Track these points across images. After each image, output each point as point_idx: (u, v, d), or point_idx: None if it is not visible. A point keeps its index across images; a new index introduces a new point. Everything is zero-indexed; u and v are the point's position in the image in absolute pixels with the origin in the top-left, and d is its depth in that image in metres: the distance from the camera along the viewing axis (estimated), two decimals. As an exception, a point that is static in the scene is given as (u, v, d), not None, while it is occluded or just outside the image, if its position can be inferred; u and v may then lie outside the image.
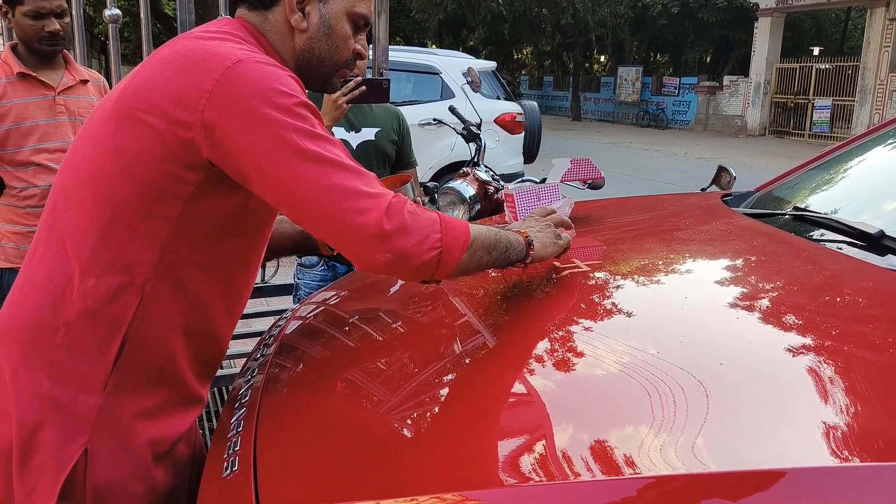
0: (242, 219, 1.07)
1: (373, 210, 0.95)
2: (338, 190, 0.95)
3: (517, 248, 1.19)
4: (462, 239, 1.05)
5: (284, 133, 0.94)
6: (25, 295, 1.03)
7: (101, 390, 0.99)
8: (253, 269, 1.17)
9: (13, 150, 2.22)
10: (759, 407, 0.88)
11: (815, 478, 0.75)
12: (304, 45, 1.10)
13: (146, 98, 0.97)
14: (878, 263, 1.34)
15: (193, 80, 0.95)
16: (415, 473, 0.84)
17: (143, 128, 0.97)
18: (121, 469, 1.00)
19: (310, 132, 0.96)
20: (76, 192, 1.02)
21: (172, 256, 1.00)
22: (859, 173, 1.95)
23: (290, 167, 0.94)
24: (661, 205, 2.17)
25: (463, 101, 6.11)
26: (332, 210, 0.95)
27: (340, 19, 1.11)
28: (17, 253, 2.25)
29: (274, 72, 0.97)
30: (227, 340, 1.17)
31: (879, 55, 17.40)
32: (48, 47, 2.26)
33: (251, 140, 0.94)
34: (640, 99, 25.19)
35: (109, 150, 0.99)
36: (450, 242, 1.02)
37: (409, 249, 0.98)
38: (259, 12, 1.09)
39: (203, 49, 0.98)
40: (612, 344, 1.09)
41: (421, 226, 1.00)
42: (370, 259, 0.97)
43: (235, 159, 0.96)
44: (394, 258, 0.97)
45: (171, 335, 1.04)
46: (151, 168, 0.97)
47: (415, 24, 26.73)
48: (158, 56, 1.02)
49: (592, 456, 0.81)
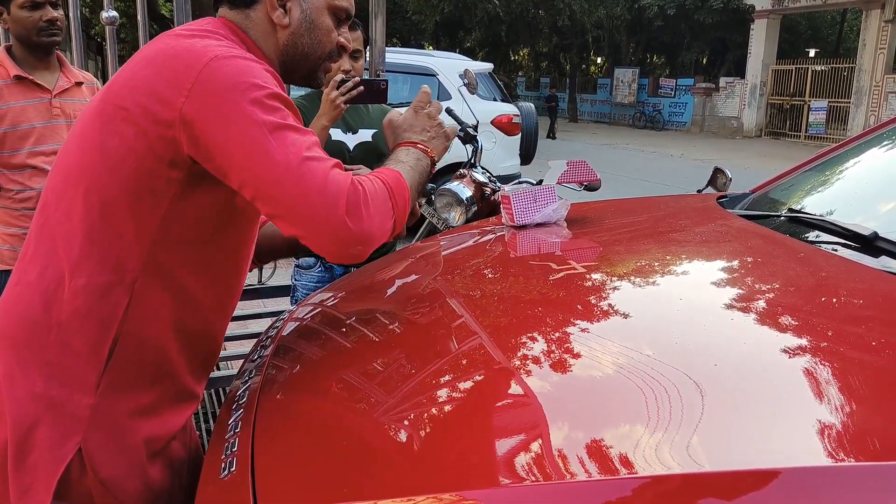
0: (229, 215, 1.08)
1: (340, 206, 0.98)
2: (308, 181, 0.96)
3: (427, 166, 1.23)
4: (405, 195, 1.12)
5: (254, 125, 0.95)
6: (18, 294, 1.04)
7: (94, 389, 0.99)
8: (243, 264, 1.18)
9: (9, 153, 2.22)
10: (753, 407, 0.89)
11: (810, 477, 0.76)
12: (287, 40, 1.11)
13: (129, 97, 0.99)
14: (872, 265, 1.35)
15: (173, 78, 0.96)
16: (412, 474, 0.85)
17: (127, 126, 0.98)
18: (116, 467, 1.00)
19: (278, 124, 0.97)
20: (65, 191, 1.03)
21: (161, 254, 1.01)
22: (854, 175, 1.96)
23: (261, 158, 0.95)
24: (656, 206, 2.18)
25: (459, 102, 6.12)
26: (305, 207, 0.97)
27: (322, 13, 1.13)
28: (13, 255, 2.25)
29: (248, 65, 0.99)
30: (221, 337, 1.17)
31: (875, 57, 17.46)
32: (47, 38, 2.25)
33: (225, 134, 0.95)
34: (637, 100, 25.24)
35: (96, 150, 1.00)
36: (400, 208, 1.10)
37: (375, 236, 1.04)
38: (240, 10, 1.10)
39: (182, 47, 0.99)
40: (607, 345, 1.10)
41: (379, 210, 1.05)
42: (342, 254, 1.01)
43: (213, 155, 0.97)
44: (364, 250, 1.02)
45: (163, 332, 1.04)
46: (136, 166, 0.98)
47: (411, 26, 26.72)
48: (141, 55, 1.03)
49: (588, 456, 0.81)
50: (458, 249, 1.76)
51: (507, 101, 7.25)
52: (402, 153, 1.20)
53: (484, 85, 6.84)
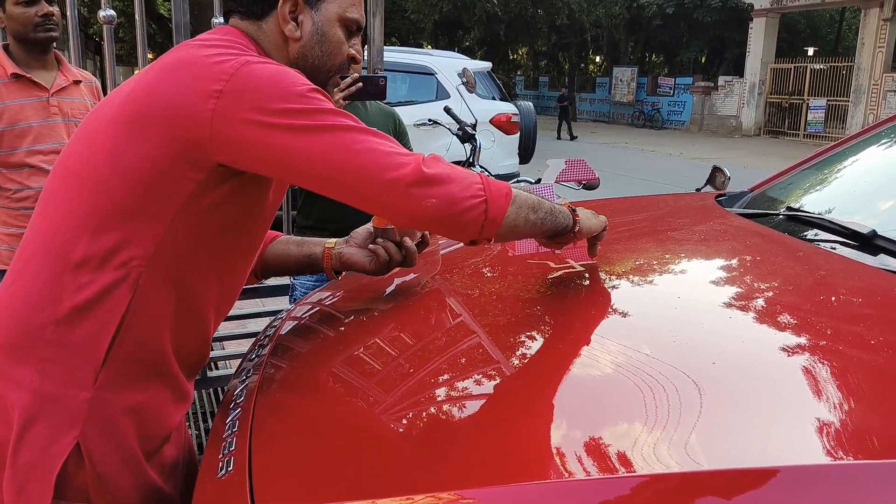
0: (237, 219, 1.08)
1: (410, 162, 0.97)
2: (371, 151, 0.97)
3: (563, 212, 1.20)
4: (504, 190, 1.06)
5: (303, 116, 0.96)
6: (14, 293, 1.04)
7: (91, 385, 0.99)
8: (244, 269, 1.18)
9: (7, 151, 2.22)
10: (751, 405, 0.89)
11: (808, 476, 0.76)
12: (299, 53, 1.12)
13: (150, 103, 0.99)
14: (871, 263, 1.35)
15: (202, 83, 0.96)
16: (410, 473, 0.85)
17: (146, 132, 0.98)
18: (111, 462, 1.00)
19: (329, 109, 0.98)
20: (68, 192, 1.03)
21: (168, 253, 1.01)
22: (853, 173, 1.96)
23: (318, 144, 0.96)
24: (655, 205, 2.18)
25: (458, 101, 6.13)
26: (368, 170, 0.97)
27: (333, 25, 1.13)
28: (10, 255, 2.24)
29: (283, 68, 1.00)
30: (211, 338, 1.18)
31: (873, 55, 17.48)
32: (44, 33, 2.24)
33: (270, 132, 0.95)
34: (636, 99, 25.25)
35: (107, 154, 1.00)
36: (493, 193, 1.03)
37: (455, 194, 0.99)
38: (252, 22, 1.11)
39: (207, 55, 1.00)
40: (606, 343, 1.10)
41: (462, 175, 1.02)
42: (417, 208, 0.98)
43: (254, 154, 0.97)
44: (439, 203, 0.98)
45: (162, 331, 1.05)
46: (152, 169, 0.98)
47: (410, 25, 26.73)
48: (162, 63, 1.03)
49: (587, 454, 0.81)
50: (456, 248, 1.76)
51: (506, 100, 7.25)
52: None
53: (482, 84, 6.84)
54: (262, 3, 1.10)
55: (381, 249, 1.33)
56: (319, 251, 1.38)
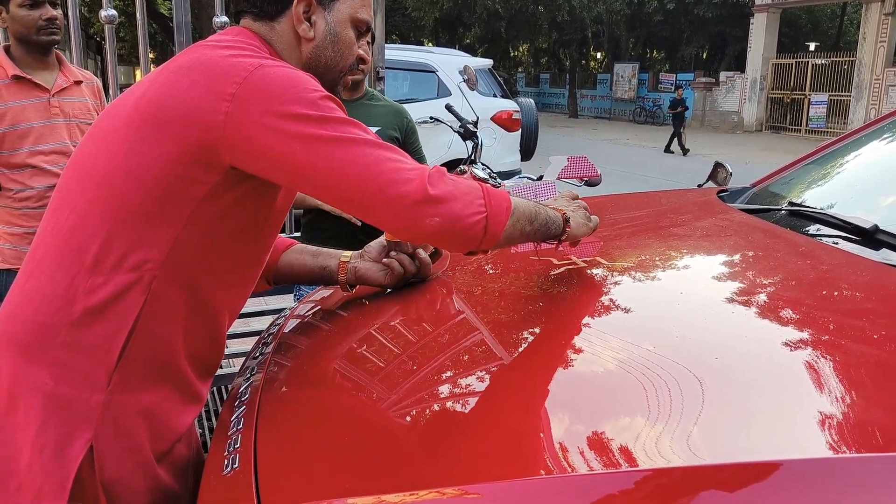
0: (248, 223, 1.08)
1: (415, 179, 0.98)
2: (377, 165, 0.98)
3: (555, 222, 1.22)
4: (504, 205, 1.08)
5: (313, 124, 0.97)
6: (26, 295, 1.04)
7: (104, 387, 0.99)
8: (255, 272, 1.18)
9: (9, 152, 2.22)
10: (754, 400, 0.89)
11: (811, 469, 0.76)
12: (311, 53, 1.12)
13: (163, 105, 0.99)
14: (873, 258, 1.35)
15: (215, 85, 0.97)
16: (415, 468, 0.85)
17: (161, 133, 0.98)
18: (123, 466, 1.01)
19: (340, 119, 0.99)
20: (82, 193, 1.03)
21: (181, 255, 1.01)
22: (854, 168, 1.95)
23: (326, 155, 0.97)
24: (657, 201, 2.18)
25: (459, 98, 6.11)
26: (373, 185, 0.98)
27: (345, 26, 1.13)
28: (14, 254, 2.25)
29: (296, 73, 1.01)
30: (224, 340, 1.18)
31: (875, 50, 17.44)
32: (47, 37, 2.25)
33: (280, 138, 0.96)
34: (637, 95, 25.22)
35: (121, 155, 1.00)
36: (494, 208, 1.05)
37: (457, 212, 1.01)
38: (265, 22, 1.11)
39: (221, 56, 1.00)
40: (608, 339, 1.10)
41: (464, 191, 1.03)
42: (420, 225, 0.99)
43: (264, 159, 0.98)
44: (443, 221, 1.00)
45: (175, 333, 1.05)
46: (167, 172, 0.98)
47: (411, 23, 26.72)
48: (175, 64, 1.03)
49: (590, 449, 0.81)
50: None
51: (507, 97, 7.24)
52: (540, 205, 1.20)
53: (484, 81, 6.82)
54: (277, 3, 1.10)
55: (395, 263, 1.35)
56: (335, 264, 1.39)
